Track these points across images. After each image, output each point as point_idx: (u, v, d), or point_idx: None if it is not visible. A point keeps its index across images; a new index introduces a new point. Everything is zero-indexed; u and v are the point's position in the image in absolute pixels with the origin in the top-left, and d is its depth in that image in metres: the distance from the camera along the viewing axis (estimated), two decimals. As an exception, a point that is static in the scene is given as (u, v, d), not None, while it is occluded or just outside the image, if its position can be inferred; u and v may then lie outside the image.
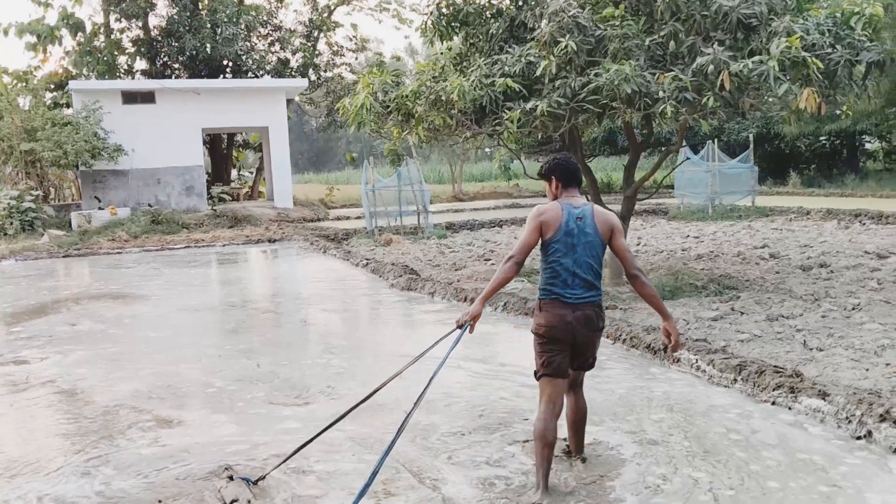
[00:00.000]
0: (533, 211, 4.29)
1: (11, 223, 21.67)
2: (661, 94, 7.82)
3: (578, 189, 4.46)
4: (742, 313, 8.17)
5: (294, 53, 32.60)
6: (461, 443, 4.91)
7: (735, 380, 5.77)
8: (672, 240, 15.83)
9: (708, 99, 7.84)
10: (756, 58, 7.62)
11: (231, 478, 4.38)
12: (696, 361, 6.19)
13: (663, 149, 12.09)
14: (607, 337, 7.37)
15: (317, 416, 5.39)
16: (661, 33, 8.27)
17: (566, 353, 4.19)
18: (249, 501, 4.10)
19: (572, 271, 4.16)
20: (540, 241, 4.23)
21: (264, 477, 4.36)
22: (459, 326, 4.24)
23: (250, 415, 5.71)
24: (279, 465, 4.44)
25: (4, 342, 8.70)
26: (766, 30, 8.01)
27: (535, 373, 4.27)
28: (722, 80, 7.63)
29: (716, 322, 7.80)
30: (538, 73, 8.17)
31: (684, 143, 17.80)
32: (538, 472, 4.08)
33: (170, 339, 8.55)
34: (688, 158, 20.76)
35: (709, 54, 7.74)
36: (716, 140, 22.71)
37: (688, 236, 16.28)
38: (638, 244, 15.04)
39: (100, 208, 23.94)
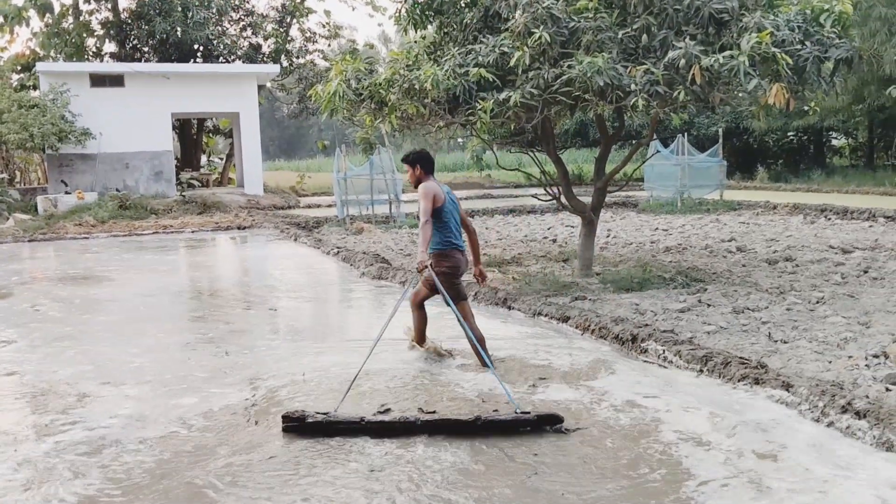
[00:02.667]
0: (424, 190, 5.98)
1: (-25, 207, 21.28)
2: (632, 87, 7.87)
3: (432, 172, 6.21)
4: (709, 305, 8.27)
5: (266, 39, 32.32)
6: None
7: (701, 370, 5.85)
8: (641, 232, 15.97)
9: (679, 93, 7.91)
10: (727, 53, 7.69)
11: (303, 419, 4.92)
12: (664, 352, 6.27)
13: (634, 142, 12.18)
14: (576, 327, 7.43)
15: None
16: (634, 26, 8.31)
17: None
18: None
19: (457, 228, 6.15)
20: (432, 209, 5.90)
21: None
22: (419, 271, 5.90)
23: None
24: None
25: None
26: (738, 25, 8.09)
27: (448, 301, 5.81)
28: (693, 74, 7.69)
29: (683, 314, 7.89)
30: (512, 63, 8.18)
31: (655, 137, 17.94)
32: (484, 356, 5.78)
33: (123, 322, 8.46)
34: (658, 152, 20.92)
35: (680, 48, 7.79)
36: (686, 134, 22.91)
37: (657, 229, 16.42)
38: (608, 236, 15.15)
39: (66, 192, 23.57)
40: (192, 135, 32.46)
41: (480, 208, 22.64)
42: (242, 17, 32.27)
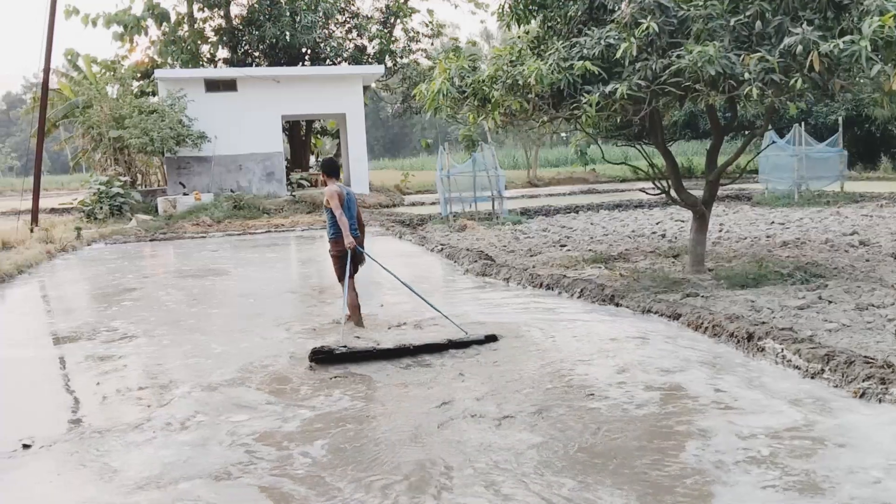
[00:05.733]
0: (330, 191, 7.85)
1: (101, 208, 22.54)
2: (746, 75, 7.57)
3: (338, 177, 8.18)
4: (830, 302, 7.88)
5: (371, 40, 32.86)
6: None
7: (822, 370, 5.57)
8: (756, 226, 15.38)
9: (796, 81, 7.54)
10: (847, 38, 7.29)
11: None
12: (782, 351, 6.01)
13: (747, 132, 11.71)
14: (687, 325, 7.23)
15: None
16: (747, 13, 7.99)
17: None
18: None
19: (353, 220, 7.93)
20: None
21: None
22: (351, 250, 7.75)
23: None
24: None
25: (109, 314, 9.09)
26: (858, 8, 7.65)
27: (341, 278, 7.94)
28: (811, 60, 7.32)
29: (802, 311, 7.55)
30: (618, 55, 8.00)
31: (770, 127, 17.24)
32: (357, 317, 8.05)
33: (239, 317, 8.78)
34: (773, 142, 20.11)
35: (797, 34, 7.43)
36: (802, 123, 21.94)
37: (772, 223, 15.79)
38: (720, 231, 14.67)
39: (184, 194, 24.67)
40: (300, 136, 33.37)
41: (585, 203, 22.37)
42: (348, 19, 32.93)
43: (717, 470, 4.22)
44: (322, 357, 6.67)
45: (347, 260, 7.76)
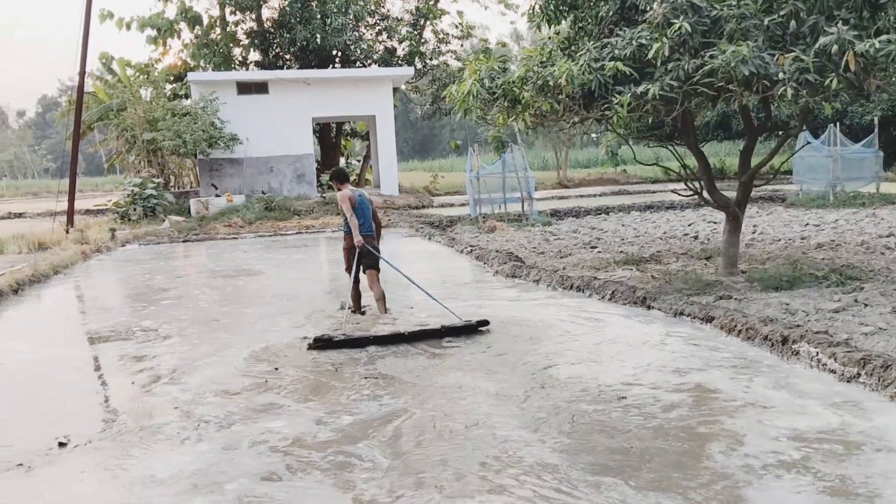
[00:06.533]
0: (342, 196, 8.51)
1: (135, 209, 22.84)
2: (780, 75, 7.47)
3: (349, 182, 8.76)
4: (866, 305, 7.75)
5: (401, 42, 32.91)
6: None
7: (858, 374, 5.48)
8: (790, 228, 15.19)
9: (831, 81, 7.43)
10: (884, 37, 7.17)
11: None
12: (817, 354, 5.92)
13: (781, 133, 11.57)
14: (720, 328, 7.15)
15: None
16: (781, 12, 7.88)
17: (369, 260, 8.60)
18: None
19: (365, 220, 8.52)
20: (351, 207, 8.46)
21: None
22: (359, 248, 8.43)
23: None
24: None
25: (143, 314, 9.22)
26: (894, 7, 7.53)
27: (349, 270, 8.70)
28: (846, 60, 7.21)
29: (837, 314, 7.44)
30: (650, 55, 7.94)
31: (804, 127, 17.01)
32: (383, 306, 8.79)
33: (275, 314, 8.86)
34: (808, 143, 19.85)
35: (832, 34, 7.33)
36: (837, 124, 21.61)
37: (807, 224, 15.58)
38: (753, 232, 14.50)
39: (216, 195, 24.91)
40: (331, 138, 33.53)
41: (616, 205, 22.23)
42: (378, 21, 33.01)
43: (748, 474, 4.17)
44: (322, 344, 7.31)
45: (355, 256, 8.55)
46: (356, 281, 8.69)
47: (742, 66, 7.37)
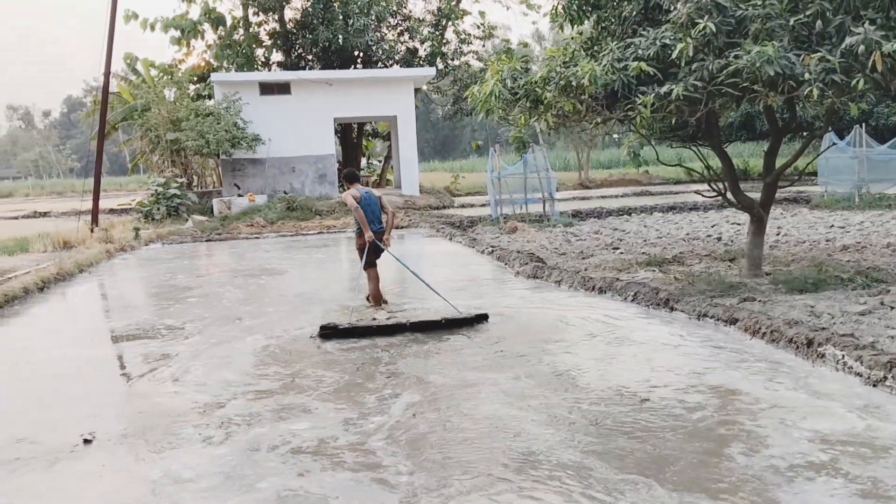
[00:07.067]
0: (346, 194, 9.09)
1: (158, 209, 23.04)
2: (806, 76, 7.40)
3: (359, 182, 9.40)
4: (892, 308, 7.66)
5: (422, 42, 32.97)
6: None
7: (885, 377, 5.42)
8: (815, 230, 15.04)
9: (858, 81, 7.35)
10: (912, 36, 7.09)
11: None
12: (843, 357, 5.86)
13: (806, 134, 11.44)
14: (744, 330, 7.10)
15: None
16: (807, 12, 7.81)
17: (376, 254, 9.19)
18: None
19: (373, 216, 9.07)
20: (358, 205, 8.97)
21: None
22: (368, 242, 8.98)
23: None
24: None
25: (168, 312, 9.30)
26: (924, 6, 7.44)
27: (365, 265, 9.12)
28: (873, 60, 7.13)
29: (863, 317, 7.35)
30: (674, 56, 7.89)
31: (829, 128, 16.84)
32: (379, 302, 9.36)
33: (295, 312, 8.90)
34: (833, 144, 19.63)
35: (859, 34, 7.24)
36: (863, 124, 21.36)
37: (832, 226, 15.42)
38: (778, 234, 14.37)
39: (239, 195, 25.08)
40: (352, 138, 33.64)
41: (638, 205, 22.11)
42: (400, 22, 33.09)
43: (777, 476, 4.14)
44: (329, 332, 7.81)
45: (365, 251, 9.09)
46: (374, 277, 9.36)
47: (767, 66, 7.31)
